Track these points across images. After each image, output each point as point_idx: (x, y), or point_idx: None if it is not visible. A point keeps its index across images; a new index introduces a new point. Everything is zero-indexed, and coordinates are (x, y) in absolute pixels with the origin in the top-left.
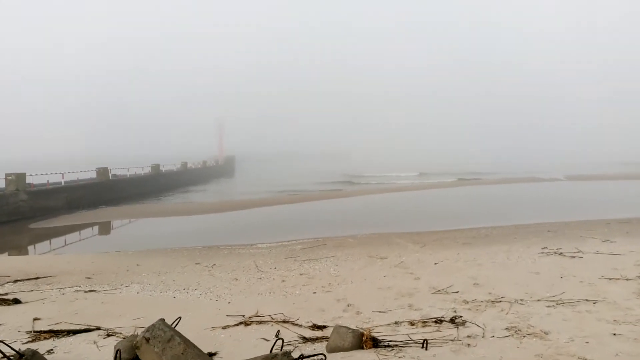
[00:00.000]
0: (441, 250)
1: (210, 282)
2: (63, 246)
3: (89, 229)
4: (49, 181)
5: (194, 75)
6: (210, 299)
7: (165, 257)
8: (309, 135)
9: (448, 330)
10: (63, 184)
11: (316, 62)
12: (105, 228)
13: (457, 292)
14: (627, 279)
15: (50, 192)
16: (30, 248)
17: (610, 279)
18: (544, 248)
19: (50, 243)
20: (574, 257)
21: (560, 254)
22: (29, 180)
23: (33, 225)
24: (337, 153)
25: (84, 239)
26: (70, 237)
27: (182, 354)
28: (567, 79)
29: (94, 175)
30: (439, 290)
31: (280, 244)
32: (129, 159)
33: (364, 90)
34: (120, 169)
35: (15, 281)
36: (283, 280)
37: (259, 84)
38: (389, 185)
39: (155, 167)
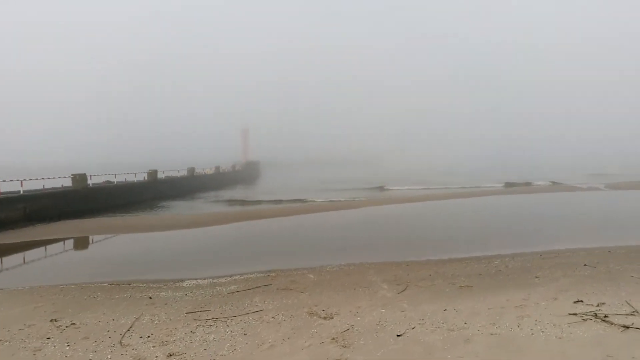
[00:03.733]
0: (423, 301)
1: None
2: None
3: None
4: (0, 190)
5: (230, 89)
6: None
7: (27, 304)
8: (349, 142)
9: None
10: (22, 192)
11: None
12: (34, 249)
13: None
14: None
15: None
16: None
17: None
18: (579, 302)
19: None
20: (627, 327)
21: (605, 317)
22: None
23: None
24: (378, 159)
25: None
26: None
27: None
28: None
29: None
30: None
31: (214, 280)
32: (146, 166)
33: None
34: (106, 175)
35: None
36: None
37: (294, 99)
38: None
39: (152, 174)
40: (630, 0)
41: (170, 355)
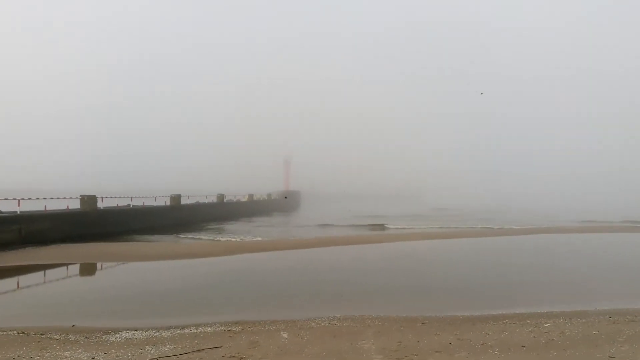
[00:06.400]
0: None
1: None
2: None
3: None
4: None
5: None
6: None
7: None
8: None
9: None
10: (18, 212)
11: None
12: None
13: None
14: None
15: None
16: None
17: None
18: None
19: None
20: None
21: None
22: None
23: None
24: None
25: None
26: None
27: None
28: None
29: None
30: None
31: (155, 334)
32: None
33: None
34: (121, 198)
35: None
36: None
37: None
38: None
39: (175, 199)
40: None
41: None
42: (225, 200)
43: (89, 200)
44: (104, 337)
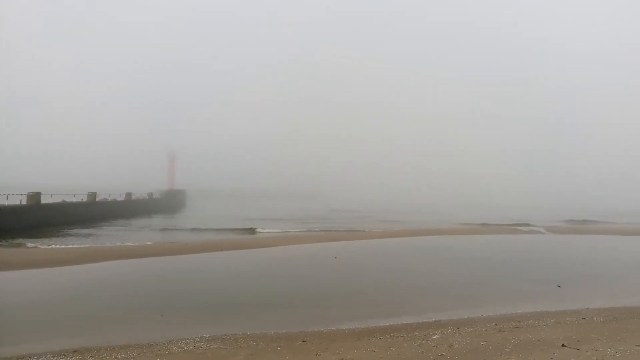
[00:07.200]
0: None
1: None
2: None
3: None
4: None
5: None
6: None
7: None
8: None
9: None
10: None
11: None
12: None
13: None
14: None
15: None
16: None
17: None
18: None
19: None
20: None
21: None
22: None
23: None
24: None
25: None
26: None
27: None
28: None
29: None
30: None
31: None
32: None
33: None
34: None
35: None
36: None
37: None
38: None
39: (34, 197)
40: None
41: None
42: (97, 200)
43: None
44: None
